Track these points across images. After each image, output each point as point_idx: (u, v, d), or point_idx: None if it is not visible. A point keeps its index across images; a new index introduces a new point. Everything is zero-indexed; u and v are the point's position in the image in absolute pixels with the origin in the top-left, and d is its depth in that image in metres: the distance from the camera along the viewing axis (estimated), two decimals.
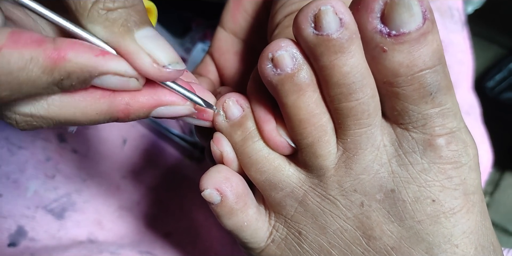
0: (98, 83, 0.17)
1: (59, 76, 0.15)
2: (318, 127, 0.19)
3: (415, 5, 0.16)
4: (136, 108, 0.18)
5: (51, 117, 0.17)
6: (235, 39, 0.30)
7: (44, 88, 0.16)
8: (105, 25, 0.16)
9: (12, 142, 0.36)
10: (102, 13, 0.16)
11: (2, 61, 0.14)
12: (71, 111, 0.17)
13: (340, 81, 0.18)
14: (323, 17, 0.17)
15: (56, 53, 0.15)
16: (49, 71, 0.15)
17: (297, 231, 0.21)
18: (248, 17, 0.29)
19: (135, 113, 0.18)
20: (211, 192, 0.21)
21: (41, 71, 0.15)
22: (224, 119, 0.21)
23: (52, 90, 0.16)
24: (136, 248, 0.35)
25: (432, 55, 0.17)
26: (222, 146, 0.22)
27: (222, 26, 0.31)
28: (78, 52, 0.16)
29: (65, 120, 0.17)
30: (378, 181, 0.19)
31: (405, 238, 0.19)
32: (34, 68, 0.15)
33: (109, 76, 0.17)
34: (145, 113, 0.18)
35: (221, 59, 0.31)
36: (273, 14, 0.25)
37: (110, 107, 0.18)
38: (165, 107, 0.19)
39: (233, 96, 0.21)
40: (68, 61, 0.15)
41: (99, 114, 0.17)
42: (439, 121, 0.18)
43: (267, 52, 0.18)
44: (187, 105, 0.19)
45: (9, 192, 0.35)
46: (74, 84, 0.16)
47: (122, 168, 0.39)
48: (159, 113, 0.19)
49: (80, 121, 0.17)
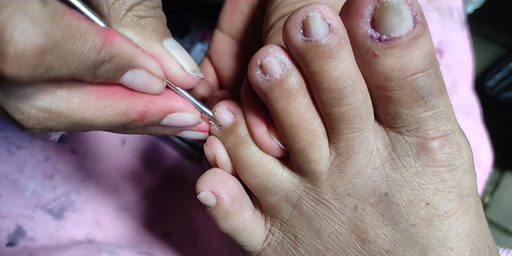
0: (129, 77, 0.18)
1: (104, 56, 0.16)
2: (309, 132, 0.19)
3: (405, 9, 0.16)
4: (153, 111, 0.19)
5: (70, 115, 0.17)
6: (233, 41, 0.30)
7: (87, 68, 0.15)
8: (136, 30, 0.18)
9: (11, 142, 0.36)
10: (134, 19, 0.18)
11: (65, 26, 0.14)
12: (91, 110, 0.17)
13: (331, 86, 0.18)
14: (311, 23, 0.17)
15: (107, 34, 0.16)
16: (98, 49, 0.15)
17: (293, 235, 0.21)
18: (245, 19, 0.29)
19: (151, 117, 0.19)
20: (207, 195, 0.21)
21: (92, 47, 0.15)
22: (216, 127, 0.22)
23: (89, 74, 0.16)
24: (135, 249, 0.35)
25: (423, 59, 0.17)
26: (215, 148, 0.22)
27: (219, 28, 0.31)
28: (124, 39, 0.17)
29: (82, 120, 0.17)
30: (371, 185, 0.19)
31: (400, 241, 0.19)
32: (88, 42, 0.15)
33: (141, 72, 0.18)
34: (160, 117, 0.19)
35: (219, 61, 0.31)
36: (267, 16, 0.25)
37: (129, 108, 0.18)
38: (177, 114, 0.20)
39: (223, 104, 0.22)
40: (116, 44, 0.16)
41: (117, 115, 0.18)
42: (433, 124, 0.18)
43: (256, 59, 0.18)
44: (196, 114, 0.21)
45: (8, 192, 0.35)
46: (110, 71, 0.16)
47: (121, 169, 0.39)
48: (170, 119, 0.20)
49: (97, 122, 0.17)
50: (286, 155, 0.21)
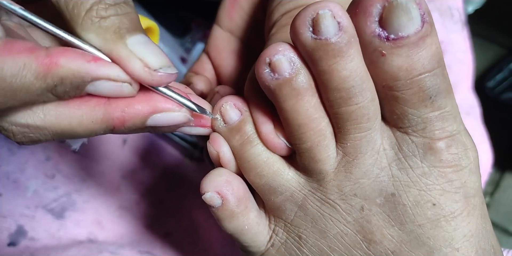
0: (92, 89, 0.17)
1: (52, 82, 0.16)
2: (317, 131, 0.19)
3: (413, 8, 0.16)
4: (131, 115, 0.18)
5: (48, 127, 0.17)
6: (232, 37, 0.30)
7: (39, 95, 0.16)
8: (98, 33, 0.17)
9: (12, 142, 0.36)
10: (95, 21, 0.17)
11: None
12: (67, 120, 0.17)
13: (339, 85, 0.18)
14: (321, 21, 0.16)
15: (48, 59, 0.15)
16: (42, 77, 0.15)
17: (297, 235, 0.21)
18: (244, 15, 0.29)
19: (131, 121, 0.18)
20: (212, 196, 0.21)
21: (34, 77, 0.15)
22: (222, 124, 0.21)
23: (47, 97, 0.16)
24: (136, 248, 0.35)
25: (431, 59, 0.17)
26: (219, 146, 0.21)
27: (218, 24, 0.30)
28: (70, 58, 0.16)
29: (62, 131, 0.17)
30: (378, 185, 0.19)
31: (406, 242, 0.19)
32: (27, 74, 0.15)
33: (102, 82, 0.17)
34: (141, 120, 0.18)
35: (217, 57, 0.30)
36: (270, 12, 0.24)
37: (105, 115, 0.18)
38: (161, 114, 0.19)
39: (230, 100, 0.21)
40: (61, 66, 0.16)
41: (94, 122, 0.17)
42: (439, 124, 0.18)
43: (264, 57, 0.18)
44: (182, 111, 0.19)
45: (9, 192, 0.35)
46: (68, 90, 0.16)
47: (122, 168, 0.39)
48: (155, 120, 0.19)
49: (77, 131, 0.18)
50: (292, 154, 0.21)
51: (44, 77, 0.15)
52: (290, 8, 0.23)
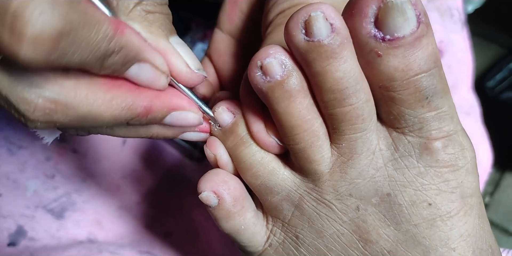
0: (135, 71, 0.18)
1: (114, 47, 0.16)
2: (310, 132, 0.19)
3: (409, 9, 0.16)
4: (158, 106, 0.19)
5: (77, 106, 0.16)
6: (233, 41, 0.30)
7: (96, 58, 0.15)
8: (144, 25, 0.18)
9: (12, 142, 0.36)
10: (143, 14, 0.18)
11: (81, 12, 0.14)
12: (97, 102, 0.17)
13: (333, 86, 0.18)
14: (314, 23, 0.17)
15: (118, 25, 0.16)
16: (109, 39, 0.15)
17: (294, 235, 0.21)
18: (245, 18, 0.29)
19: (155, 113, 0.19)
20: (208, 195, 0.21)
21: (104, 36, 0.15)
22: (216, 127, 0.22)
23: (97, 64, 0.16)
24: (136, 248, 0.35)
25: (427, 59, 0.17)
26: (215, 149, 0.22)
27: (219, 27, 0.30)
28: (133, 32, 0.17)
29: (88, 113, 0.17)
30: (373, 185, 0.19)
31: (402, 241, 0.19)
32: (101, 29, 0.15)
33: (147, 66, 0.18)
34: (164, 114, 0.19)
35: (219, 61, 0.30)
36: (266, 12, 0.24)
37: (135, 102, 0.18)
38: (180, 112, 0.20)
39: (223, 104, 0.22)
40: (125, 35, 0.16)
41: (123, 108, 0.17)
42: (436, 124, 0.18)
43: (256, 60, 0.18)
44: (198, 114, 0.20)
45: (9, 192, 0.35)
46: (118, 61, 0.16)
47: (122, 168, 0.39)
48: (173, 117, 0.20)
49: (103, 116, 0.17)
50: (287, 155, 0.21)
51: (110, 39, 0.15)
52: (285, 8, 0.23)
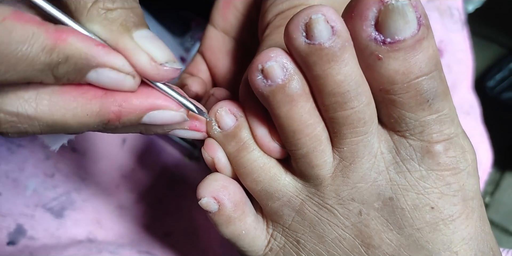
0: (94, 77, 0.17)
1: (57, 58, 0.15)
2: (313, 137, 0.19)
3: (409, 11, 0.16)
4: (128, 110, 0.18)
5: (39, 117, 0.16)
6: (226, 38, 0.29)
7: (40, 71, 0.15)
8: (103, 24, 0.16)
9: (12, 141, 0.36)
10: (101, 12, 0.16)
11: (4, 31, 0.14)
12: (61, 112, 0.16)
13: (334, 90, 0.17)
14: (315, 25, 0.16)
15: (57, 34, 0.15)
16: (49, 51, 0.15)
17: (295, 240, 0.21)
18: (239, 15, 0.29)
19: (127, 116, 0.18)
20: (208, 201, 0.21)
21: (40, 49, 0.15)
22: (217, 130, 0.21)
23: (47, 76, 0.15)
24: (135, 248, 0.35)
25: (428, 62, 0.17)
26: (214, 152, 0.21)
27: (212, 24, 0.30)
28: (79, 38, 0.16)
29: (54, 123, 0.17)
30: (376, 189, 0.19)
31: (404, 246, 0.19)
32: (34, 44, 0.14)
33: (106, 70, 0.17)
34: (138, 116, 0.18)
35: (212, 58, 0.30)
36: (263, 13, 0.24)
37: (102, 108, 0.17)
38: (158, 112, 0.18)
39: (225, 105, 0.21)
40: (69, 43, 0.15)
41: (89, 115, 0.17)
42: (437, 127, 0.18)
43: (257, 63, 0.18)
44: (180, 111, 0.19)
45: (9, 191, 0.35)
46: (69, 71, 0.16)
47: (122, 168, 0.39)
48: (151, 117, 0.18)
49: (70, 124, 0.17)
50: (288, 159, 0.21)
51: (50, 51, 0.15)
52: (284, 9, 0.23)
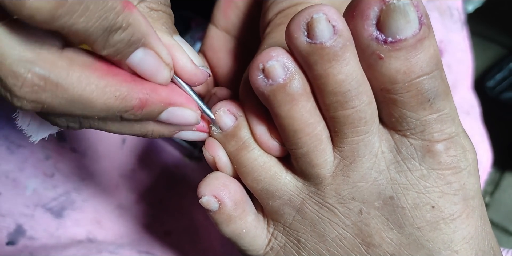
0: (138, 57, 0.17)
1: (121, 22, 0.15)
2: (313, 136, 0.19)
3: (411, 11, 0.16)
4: (154, 100, 0.18)
5: (67, 88, 0.15)
6: (228, 37, 0.29)
7: (102, 30, 0.15)
8: None
9: (12, 141, 0.36)
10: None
11: None
12: (90, 87, 0.16)
13: (335, 89, 0.17)
14: (316, 25, 0.16)
15: (127, 3, 0.16)
16: (117, 12, 0.15)
17: (296, 239, 0.21)
18: (240, 14, 0.29)
19: (151, 106, 0.18)
20: (209, 199, 0.21)
21: (113, 7, 0.15)
22: (217, 130, 0.21)
23: (103, 37, 0.15)
24: (135, 248, 0.35)
25: (429, 61, 0.17)
26: (214, 151, 0.21)
27: (213, 23, 0.30)
28: (141, 15, 0.17)
29: (79, 98, 0.16)
30: (376, 188, 0.19)
31: (405, 245, 0.19)
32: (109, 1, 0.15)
33: (151, 53, 0.17)
34: (160, 108, 0.18)
35: (213, 57, 0.30)
36: (264, 11, 0.24)
37: (130, 93, 0.17)
38: (178, 108, 0.19)
39: (224, 105, 0.21)
40: (134, 14, 0.16)
41: (117, 97, 0.16)
42: (438, 127, 0.18)
43: (258, 63, 0.18)
44: (197, 112, 0.20)
45: (8, 191, 0.35)
46: (124, 40, 0.16)
47: (121, 167, 0.39)
48: (170, 113, 0.19)
49: (94, 103, 0.16)
50: (289, 158, 0.21)
51: (118, 13, 0.15)
52: (284, 7, 0.23)
